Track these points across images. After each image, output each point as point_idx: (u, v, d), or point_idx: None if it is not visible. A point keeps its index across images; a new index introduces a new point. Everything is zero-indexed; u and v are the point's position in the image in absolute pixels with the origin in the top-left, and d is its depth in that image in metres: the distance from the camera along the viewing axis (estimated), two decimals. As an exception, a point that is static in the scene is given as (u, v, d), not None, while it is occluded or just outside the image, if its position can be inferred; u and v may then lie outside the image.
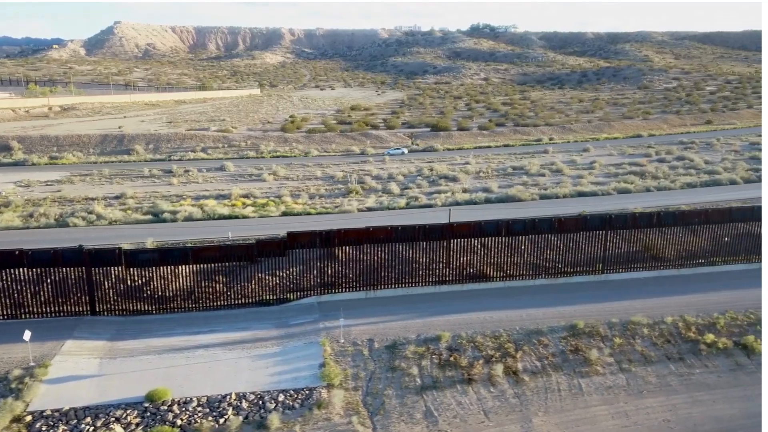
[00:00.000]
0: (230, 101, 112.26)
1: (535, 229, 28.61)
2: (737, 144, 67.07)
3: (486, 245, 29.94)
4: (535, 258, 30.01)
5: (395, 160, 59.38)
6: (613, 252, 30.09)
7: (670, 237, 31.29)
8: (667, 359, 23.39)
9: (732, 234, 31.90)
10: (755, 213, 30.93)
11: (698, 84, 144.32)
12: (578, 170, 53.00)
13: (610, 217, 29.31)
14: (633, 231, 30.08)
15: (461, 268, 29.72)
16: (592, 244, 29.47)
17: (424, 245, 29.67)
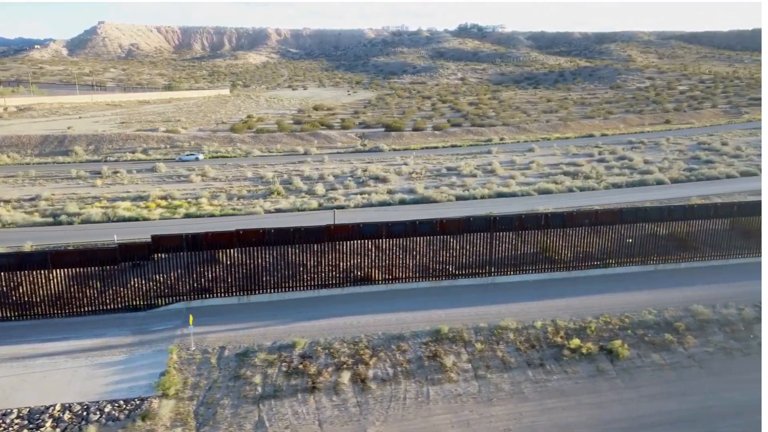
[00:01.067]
0: (195, 102, 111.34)
1: (416, 231, 27.94)
2: (685, 144, 66.61)
3: (380, 247, 29.29)
4: (420, 261, 29.34)
5: (334, 160, 58.68)
6: (501, 254, 29.43)
7: (569, 238, 30.66)
8: (527, 365, 22.75)
9: (637, 235, 31.34)
10: (650, 214, 30.33)
11: (671, 84, 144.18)
12: (513, 170, 52.43)
13: (494, 219, 28.67)
14: (520, 233, 29.42)
15: (349, 271, 29.05)
16: (477, 246, 28.82)
17: (316, 248, 28.99)
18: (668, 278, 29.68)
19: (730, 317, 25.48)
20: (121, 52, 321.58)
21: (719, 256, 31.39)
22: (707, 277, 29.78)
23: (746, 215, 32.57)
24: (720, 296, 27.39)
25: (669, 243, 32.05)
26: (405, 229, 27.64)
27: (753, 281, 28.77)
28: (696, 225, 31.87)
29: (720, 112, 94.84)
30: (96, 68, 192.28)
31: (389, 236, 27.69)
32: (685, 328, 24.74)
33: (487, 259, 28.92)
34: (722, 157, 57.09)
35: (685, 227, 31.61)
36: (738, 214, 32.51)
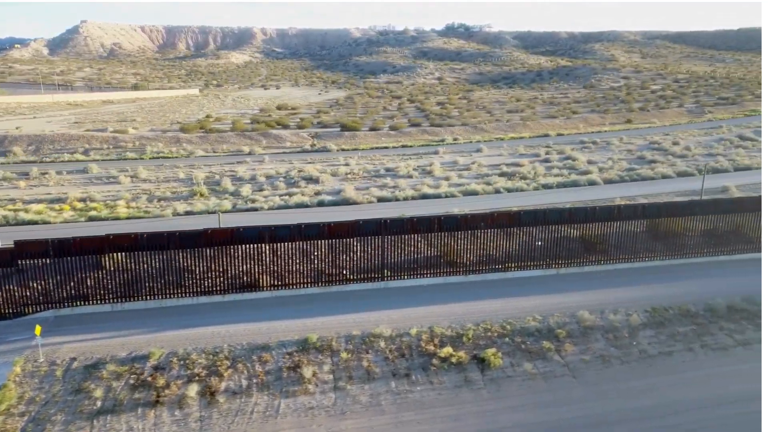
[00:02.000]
0: (160, 102, 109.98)
1: (302, 235, 26.94)
2: (637, 144, 65.97)
3: (276, 252, 28.25)
4: (318, 265, 28.33)
5: (274, 160, 57.60)
6: (396, 258, 28.49)
7: (476, 241, 29.73)
8: (392, 376, 21.79)
9: (547, 238, 30.50)
10: (549, 216, 29.41)
11: (645, 83, 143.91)
12: (452, 171, 51.61)
13: (385, 222, 27.71)
14: (424, 235, 28.47)
15: (237, 277, 28.03)
16: (367, 249, 27.88)
17: (209, 253, 27.96)
18: (568, 282, 28.84)
19: (616, 323, 24.65)
20: (103, 52, 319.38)
21: (626, 258, 30.60)
22: (609, 281, 28.99)
23: (660, 216, 31.81)
24: (615, 301, 26.58)
25: (578, 246, 31.26)
26: (290, 233, 26.66)
27: (656, 284, 28.07)
28: (606, 227, 31.05)
29: (684, 111, 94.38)
30: (71, 67, 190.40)
31: (272, 240, 26.69)
32: (567, 335, 23.90)
33: (379, 263, 27.98)
34: (668, 157, 56.46)
35: (596, 229, 30.73)
36: (651, 216, 31.72)
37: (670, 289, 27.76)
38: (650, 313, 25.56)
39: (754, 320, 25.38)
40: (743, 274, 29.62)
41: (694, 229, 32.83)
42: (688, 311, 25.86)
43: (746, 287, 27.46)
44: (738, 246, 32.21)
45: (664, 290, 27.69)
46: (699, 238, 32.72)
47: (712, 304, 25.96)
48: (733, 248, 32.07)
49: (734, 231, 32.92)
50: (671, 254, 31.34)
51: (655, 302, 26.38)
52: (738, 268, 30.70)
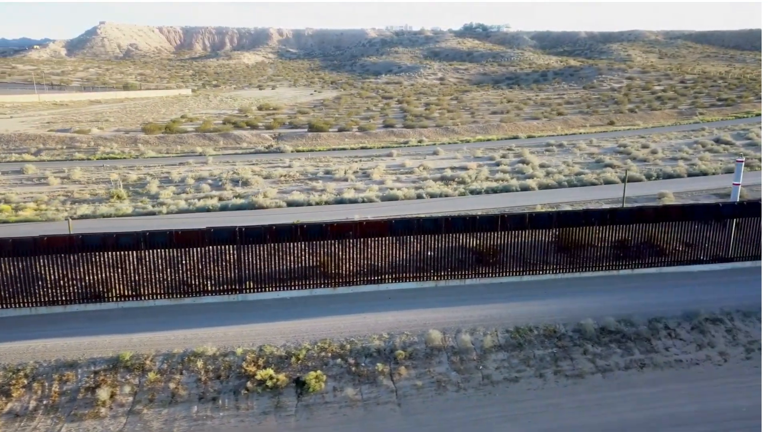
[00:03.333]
0: (147, 102, 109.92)
1: (148, 244, 25.37)
2: (605, 146, 63.05)
3: (142, 259, 26.74)
4: (182, 275, 26.66)
5: (218, 162, 56.35)
6: (257, 268, 26.73)
7: (349, 251, 27.84)
8: (198, 400, 20.10)
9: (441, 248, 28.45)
10: (424, 224, 27.28)
11: (649, 83, 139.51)
12: (393, 175, 49.67)
13: (241, 230, 25.98)
14: (273, 245, 26.58)
15: (92, 286, 26.59)
16: (222, 259, 26.20)
17: (72, 259, 26.60)
18: (442, 296, 26.72)
19: (468, 345, 22.59)
20: (119, 53, 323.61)
21: (519, 272, 28.36)
22: (487, 295, 26.80)
23: (571, 225, 29.39)
24: (481, 318, 24.46)
25: (470, 257, 29.15)
26: (132, 241, 25.12)
27: (538, 300, 25.86)
28: (505, 237, 28.76)
29: (675, 113, 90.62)
30: (77, 68, 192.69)
31: (117, 249, 25.19)
32: (407, 357, 21.94)
33: (236, 275, 26.28)
34: (627, 161, 53.57)
35: (493, 239, 28.50)
36: (560, 225, 29.33)
37: (548, 306, 25.54)
38: (511, 334, 23.41)
39: (625, 344, 23.08)
40: (641, 289, 27.26)
41: (604, 240, 30.47)
42: (554, 332, 23.67)
43: (637, 305, 25.30)
44: (648, 259, 29.75)
45: (541, 307, 25.48)
46: (609, 249, 30.33)
47: (583, 325, 23.69)
48: (641, 262, 29.61)
49: (647, 242, 30.44)
50: (572, 267, 29.05)
51: (525, 321, 24.22)
52: (639, 283, 28.28)
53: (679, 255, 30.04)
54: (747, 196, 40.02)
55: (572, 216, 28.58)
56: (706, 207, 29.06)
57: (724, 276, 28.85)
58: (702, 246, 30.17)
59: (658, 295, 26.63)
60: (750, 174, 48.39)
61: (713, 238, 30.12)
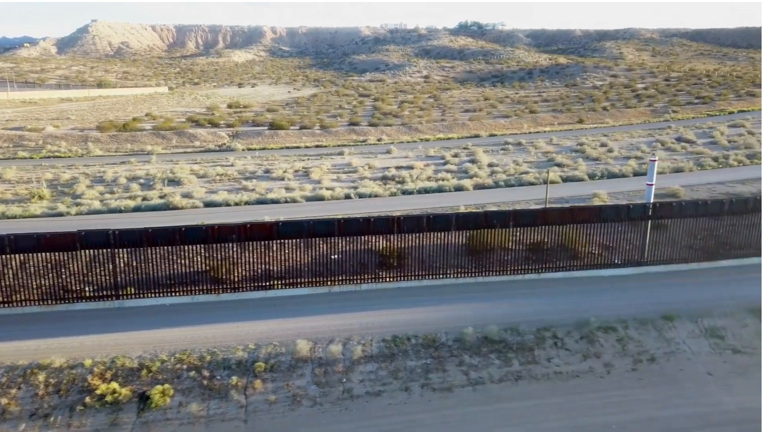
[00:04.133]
0: (119, 100, 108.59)
1: (13, 248, 24.03)
2: (564, 145, 61.62)
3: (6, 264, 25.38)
4: (35, 281, 25.18)
5: (163, 160, 55.04)
6: (137, 273, 25.39)
7: (242, 254, 26.49)
8: (29, 417, 18.76)
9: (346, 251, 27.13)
10: (317, 227, 25.92)
11: (632, 81, 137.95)
12: (334, 174, 48.35)
13: (114, 233, 24.63)
14: (151, 249, 25.21)
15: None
16: (98, 264, 24.87)
17: None
18: (330, 303, 25.40)
19: (336, 355, 21.29)
20: (111, 51, 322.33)
21: (421, 276, 27.02)
22: (376, 302, 25.46)
23: (470, 228, 28.09)
24: (362, 327, 23.14)
25: (374, 260, 27.83)
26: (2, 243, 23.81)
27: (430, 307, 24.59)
28: (413, 240, 27.36)
29: (648, 111, 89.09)
30: (60, 66, 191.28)
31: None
32: (268, 369, 20.60)
33: (113, 280, 24.96)
34: (578, 161, 52.14)
35: (399, 242, 27.13)
36: (458, 227, 27.99)
37: (439, 313, 24.24)
38: (387, 343, 22.08)
39: (506, 354, 21.74)
40: (544, 295, 25.97)
41: (518, 243, 29.18)
42: (434, 341, 22.35)
43: (533, 311, 24.07)
44: (560, 263, 28.43)
45: (431, 314, 24.18)
46: (521, 253, 29.04)
47: (464, 333, 22.37)
48: (552, 265, 28.26)
49: (561, 245, 29.08)
50: (479, 271, 27.72)
51: (407, 329, 22.89)
52: (545, 288, 26.96)
53: (593, 258, 28.73)
54: (684, 196, 38.66)
55: (472, 217, 27.21)
56: (615, 208, 27.67)
57: (634, 281, 27.53)
58: (618, 249, 28.91)
59: (558, 300, 25.35)
60: (707, 173, 47.11)
61: (628, 240, 28.81)
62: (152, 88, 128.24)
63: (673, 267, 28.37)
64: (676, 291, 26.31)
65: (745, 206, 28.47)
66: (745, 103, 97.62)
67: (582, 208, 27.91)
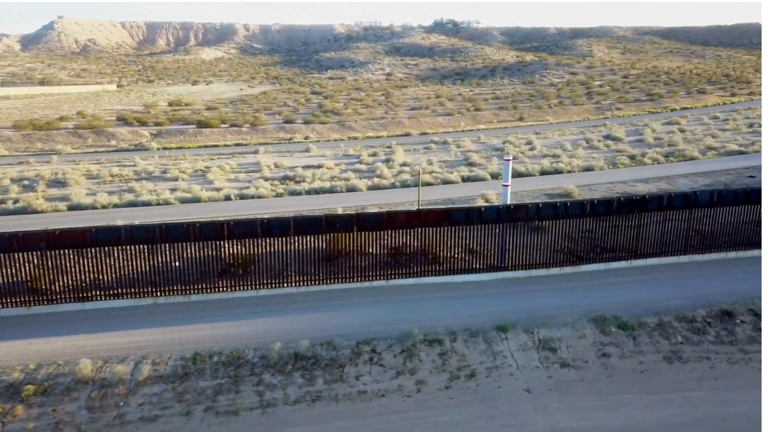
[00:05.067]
0: (60, 98, 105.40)
1: None
2: (488, 143, 60.21)
3: None
4: None
5: (65, 160, 52.65)
6: None
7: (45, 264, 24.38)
8: None
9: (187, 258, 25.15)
10: (136, 232, 23.94)
11: (590, 79, 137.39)
12: (235, 174, 46.37)
13: None
14: None
15: None
16: None
17: None
18: (153, 316, 23.46)
19: (121, 375, 19.32)
20: (77, 48, 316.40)
21: (268, 285, 25.16)
22: (208, 314, 23.54)
23: (321, 233, 26.27)
24: (174, 342, 21.25)
25: (218, 268, 25.93)
26: None
27: (268, 318, 22.83)
28: (265, 245, 25.43)
29: (592, 108, 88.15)
30: (13, 62, 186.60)
31: None
32: (38, 392, 18.60)
33: None
34: (493, 160, 50.66)
35: (253, 248, 25.21)
36: (314, 231, 26.13)
37: (258, 327, 22.43)
38: (183, 362, 20.20)
39: (312, 372, 19.98)
40: (382, 304, 24.28)
41: (381, 247, 27.51)
42: (238, 358, 20.51)
43: (360, 323, 22.36)
44: (421, 268, 26.78)
45: (253, 328, 22.36)
46: (384, 257, 27.36)
47: (271, 350, 20.59)
48: (410, 271, 26.60)
49: (423, 250, 27.43)
50: (331, 278, 25.95)
51: (213, 344, 21.06)
52: (389, 296, 25.25)
53: (453, 264, 27.12)
54: (578, 196, 37.19)
55: (313, 221, 25.36)
56: (466, 211, 26.00)
57: (487, 287, 25.96)
58: (484, 254, 27.33)
59: (395, 309, 23.68)
60: (617, 171, 45.83)
61: (489, 245, 27.25)
62: (100, 86, 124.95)
63: (534, 272, 26.83)
64: (523, 299, 24.79)
65: (612, 207, 27.02)
66: (692, 100, 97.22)
67: (430, 211, 26.19)
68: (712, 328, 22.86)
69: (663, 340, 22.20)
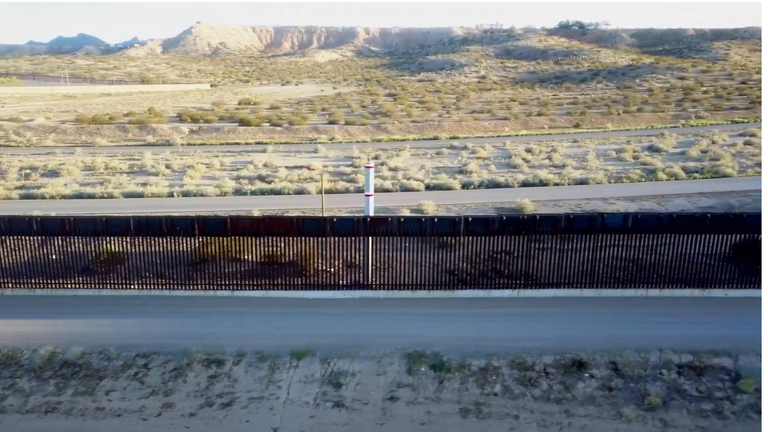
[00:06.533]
0: (148, 95, 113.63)
1: None
2: (512, 150, 55.35)
3: None
4: None
5: (90, 153, 56.08)
6: None
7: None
8: None
9: None
10: None
11: (697, 84, 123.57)
12: (224, 171, 46.68)
13: None
14: None
15: None
16: None
17: None
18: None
19: None
20: (208, 51, 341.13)
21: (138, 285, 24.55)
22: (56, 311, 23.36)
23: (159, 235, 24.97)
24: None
25: (79, 264, 25.85)
26: None
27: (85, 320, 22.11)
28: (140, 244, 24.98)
29: (669, 116, 78.69)
30: (140, 64, 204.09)
31: None
32: None
33: None
34: (490, 167, 46.34)
35: (124, 245, 24.97)
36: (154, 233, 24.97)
37: (74, 328, 21.81)
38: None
39: (69, 380, 19.00)
40: (202, 316, 22.80)
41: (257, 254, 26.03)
42: (11, 358, 20.02)
43: (167, 333, 21.02)
44: (285, 280, 24.92)
45: (61, 329, 21.83)
46: (257, 266, 25.88)
47: (39, 353, 19.87)
48: (269, 283, 24.80)
49: (292, 261, 25.53)
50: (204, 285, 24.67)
51: (7, 343, 20.76)
52: (221, 307, 23.64)
53: (319, 278, 24.81)
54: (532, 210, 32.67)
55: (152, 223, 24.17)
56: (317, 221, 23.47)
57: (335, 306, 23.40)
58: (363, 268, 24.83)
59: (210, 323, 22.05)
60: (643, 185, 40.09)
61: (348, 259, 24.65)
62: (194, 85, 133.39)
63: (396, 294, 23.77)
64: (360, 322, 22.07)
65: (493, 227, 23.18)
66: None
67: (279, 219, 24.00)
68: (547, 380, 18.73)
69: (476, 389, 18.51)
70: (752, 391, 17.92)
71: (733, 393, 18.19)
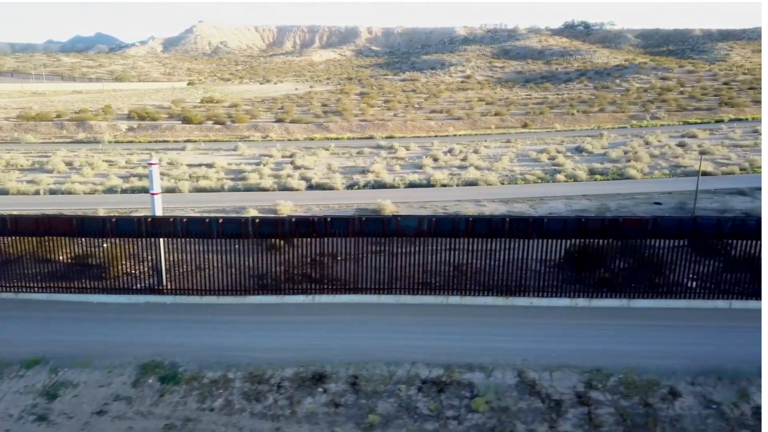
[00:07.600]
0: (115, 93, 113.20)
1: None
2: (436, 149, 53.62)
3: None
4: None
5: (9, 149, 55.34)
6: None
7: None
8: None
9: None
10: None
11: (677, 85, 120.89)
12: (123, 168, 45.58)
13: None
14: None
15: None
16: None
17: None
18: None
19: None
20: (209, 50, 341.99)
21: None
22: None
23: None
24: None
25: None
26: None
27: None
28: None
29: (625, 117, 76.41)
30: (121, 62, 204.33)
31: None
32: None
33: None
34: (395, 168, 44.75)
35: None
36: None
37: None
38: None
39: None
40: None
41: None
42: None
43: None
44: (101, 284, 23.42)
45: None
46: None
47: None
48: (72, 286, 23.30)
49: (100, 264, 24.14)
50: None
51: None
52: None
53: (126, 281, 23.34)
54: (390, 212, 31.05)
55: None
56: (97, 222, 22.07)
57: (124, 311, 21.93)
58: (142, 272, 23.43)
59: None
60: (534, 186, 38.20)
61: (140, 262, 23.24)
62: (170, 83, 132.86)
63: (183, 299, 22.31)
64: (113, 328, 20.63)
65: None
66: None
67: (57, 219, 22.62)
68: (276, 395, 17.20)
69: (195, 403, 17.00)
70: (485, 410, 16.30)
71: (465, 412, 16.55)
